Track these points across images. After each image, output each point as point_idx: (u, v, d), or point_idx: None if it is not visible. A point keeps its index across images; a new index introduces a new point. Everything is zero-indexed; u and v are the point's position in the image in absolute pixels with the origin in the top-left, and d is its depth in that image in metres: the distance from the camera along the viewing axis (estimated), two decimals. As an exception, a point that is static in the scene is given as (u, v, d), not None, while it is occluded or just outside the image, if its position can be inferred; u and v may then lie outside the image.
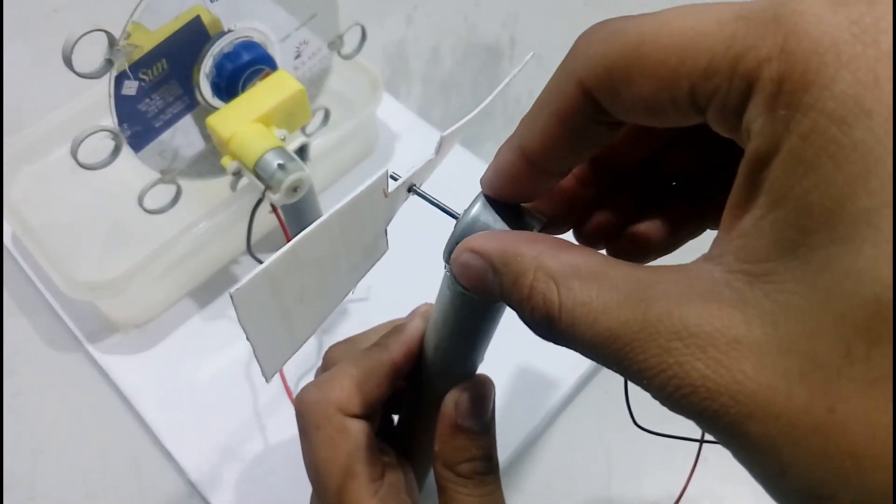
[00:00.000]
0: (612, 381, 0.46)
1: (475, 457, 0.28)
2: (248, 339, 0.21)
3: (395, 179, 0.23)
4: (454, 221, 0.23)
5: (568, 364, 0.45)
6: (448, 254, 0.23)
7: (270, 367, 0.23)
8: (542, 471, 0.43)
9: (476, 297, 0.24)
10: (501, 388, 0.36)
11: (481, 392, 0.28)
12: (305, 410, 0.29)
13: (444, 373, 0.29)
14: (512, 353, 0.46)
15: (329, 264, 0.23)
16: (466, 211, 0.23)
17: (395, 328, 0.30)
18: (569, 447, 0.44)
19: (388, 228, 0.25)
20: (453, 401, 0.28)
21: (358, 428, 0.28)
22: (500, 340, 0.46)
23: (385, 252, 0.26)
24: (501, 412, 0.30)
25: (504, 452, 0.42)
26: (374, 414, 0.30)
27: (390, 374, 0.29)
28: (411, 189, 0.24)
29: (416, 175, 0.24)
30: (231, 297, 0.19)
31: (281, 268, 0.20)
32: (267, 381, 0.23)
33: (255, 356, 0.22)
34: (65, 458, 0.44)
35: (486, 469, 0.28)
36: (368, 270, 0.26)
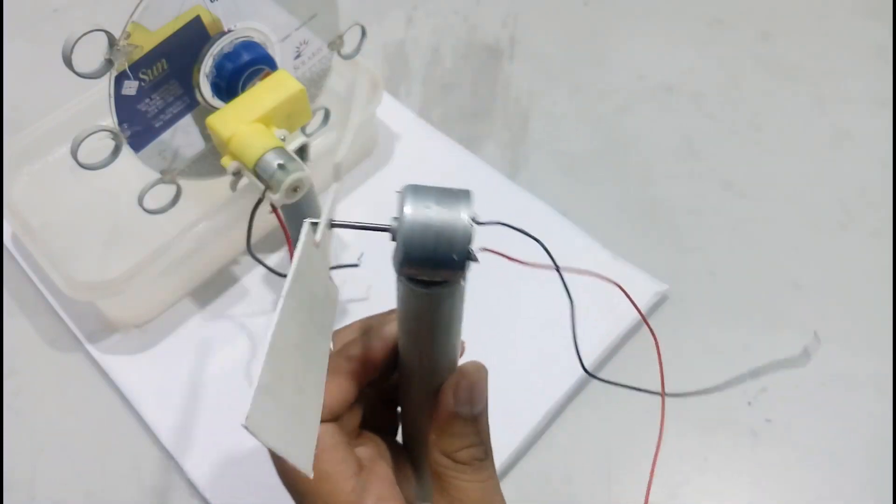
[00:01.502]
0: (612, 380, 0.46)
1: (473, 443, 0.28)
2: (277, 453, 0.21)
3: (316, 225, 0.24)
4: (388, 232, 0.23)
5: (568, 364, 0.45)
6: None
7: (305, 460, 0.22)
8: (542, 471, 0.43)
9: (423, 291, 0.24)
10: (502, 388, 0.36)
11: (476, 378, 0.28)
12: None
13: (422, 369, 0.28)
14: (512, 353, 0.46)
15: (304, 341, 0.23)
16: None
17: (356, 337, 0.30)
18: (569, 447, 0.44)
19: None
20: (451, 388, 0.28)
21: (321, 430, 0.28)
22: (501, 340, 0.46)
23: (337, 293, 0.26)
24: (501, 412, 0.30)
25: (504, 452, 0.42)
26: (341, 417, 0.29)
27: (350, 383, 0.29)
28: (333, 225, 0.25)
29: (331, 211, 0.25)
30: (246, 428, 0.19)
31: (269, 375, 0.21)
32: (311, 475, 0.23)
33: (291, 462, 0.21)
34: (65, 458, 0.44)
35: (483, 454, 0.28)
36: (334, 319, 0.26)
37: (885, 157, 0.57)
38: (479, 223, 0.23)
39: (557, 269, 0.26)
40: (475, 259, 0.23)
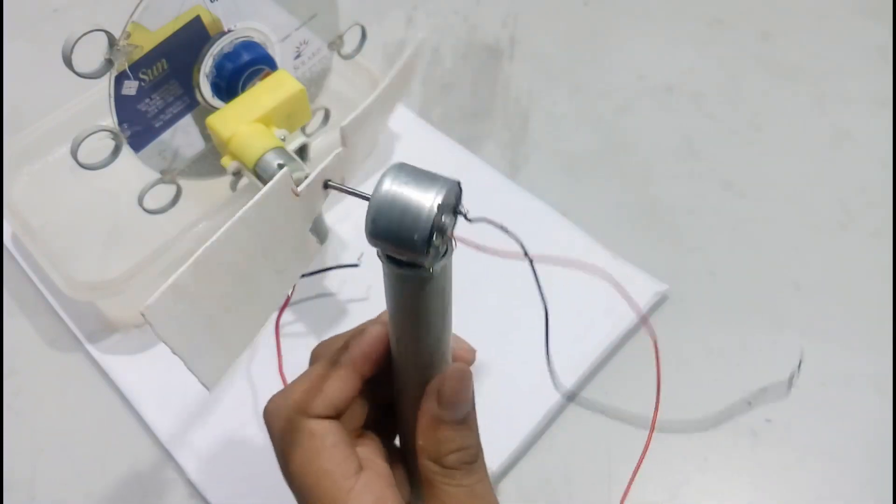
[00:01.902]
0: (612, 380, 0.46)
1: (460, 447, 0.28)
2: (173, 353, 0.20)
3: (297, 174, 0.24)
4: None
5: (568, 364, 0.45)
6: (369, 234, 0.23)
7: (209, 376, 0.22)
8: (542, 471, 0.43)
9: (407, 273, 0.24)
10: (502, 388, 0.37)
11: (459, 382, 0.28)
12: (269, 416, 0.29)
13: (409, 363, 0.28)
14: (512, 352, 0.46)
15: (250, 270, 0.23)
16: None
17: (359, 330, 0.30)
18: (569, 447, 0.44)
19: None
20: (434, 393, 0.28)
21: (324, 427, 0.28)
22: (501, 340, 0.46)
23: (318, 251, 0.26)
24: (502, 412, 0.30)
25: (504, 452, 0.42)
26: (343, 413, 0.29)
27: (351, 375, 0.29)
28: (327, 185, 0.24)
29: (328, 171, 0.24)
30: (143, 315, 0.19)
31: (190, 279, 0.20)
32: (209, 390, 0.22)
33: (188, 368, 0.21)
34: (65, 458, 0.44)
35: (472, 458, 0.28)
36: (303, 271, 0.26)
37: (885, 157, 0.57)
38: (468, 219, 0.23)
39: (531, 261, 0.26)
40: (437, 246, 0.23)
